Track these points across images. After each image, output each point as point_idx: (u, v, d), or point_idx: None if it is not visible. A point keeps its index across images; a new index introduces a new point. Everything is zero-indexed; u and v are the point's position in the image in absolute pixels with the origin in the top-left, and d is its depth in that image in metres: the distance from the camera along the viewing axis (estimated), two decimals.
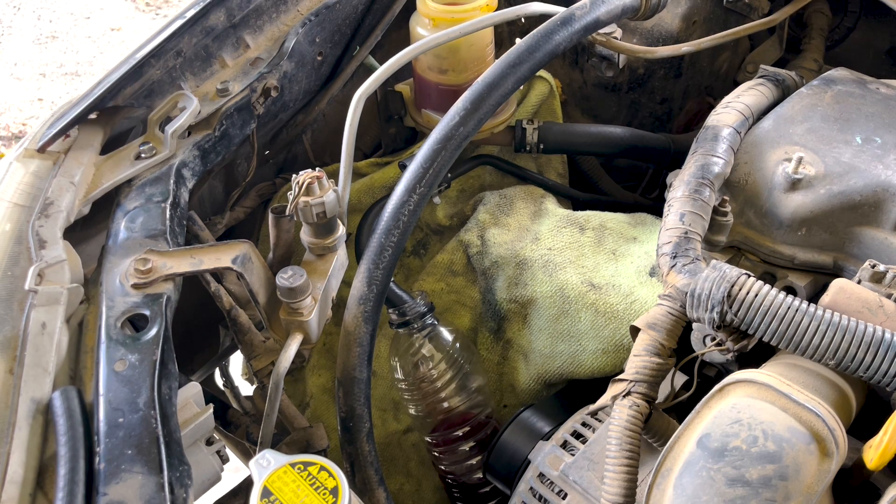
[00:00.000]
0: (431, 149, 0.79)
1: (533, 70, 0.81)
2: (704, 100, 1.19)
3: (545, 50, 0.81)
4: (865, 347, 0.60)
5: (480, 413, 0.92)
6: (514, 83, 0.80)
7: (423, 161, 0.79)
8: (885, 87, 0.92)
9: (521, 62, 0.80)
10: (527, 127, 1.01)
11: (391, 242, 0.78)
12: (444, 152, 0.78)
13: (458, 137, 0.79)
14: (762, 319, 0.63)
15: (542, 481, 0.70)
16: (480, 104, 0.79)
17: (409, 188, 0.78)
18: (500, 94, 0.80)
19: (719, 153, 0.82)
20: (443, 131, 0.79)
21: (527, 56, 0.80)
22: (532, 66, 0.81)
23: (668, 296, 0.72)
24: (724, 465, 0.57)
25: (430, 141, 0.79)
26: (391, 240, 0.78)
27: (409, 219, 0.78)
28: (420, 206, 0.79)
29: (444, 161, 0.79)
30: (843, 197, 0.78)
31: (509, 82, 0.80)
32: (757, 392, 0.60)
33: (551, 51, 0.81)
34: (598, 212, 0.97)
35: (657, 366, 0.68)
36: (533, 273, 0.88)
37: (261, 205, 1.04)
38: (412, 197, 0.78)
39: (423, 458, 0.98)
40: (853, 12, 1.12)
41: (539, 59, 0.81)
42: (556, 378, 0.90)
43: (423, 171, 0.78)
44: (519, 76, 0.80)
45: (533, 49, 0.81)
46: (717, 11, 1.13)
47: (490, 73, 0.80)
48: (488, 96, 0.80)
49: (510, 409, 0.85)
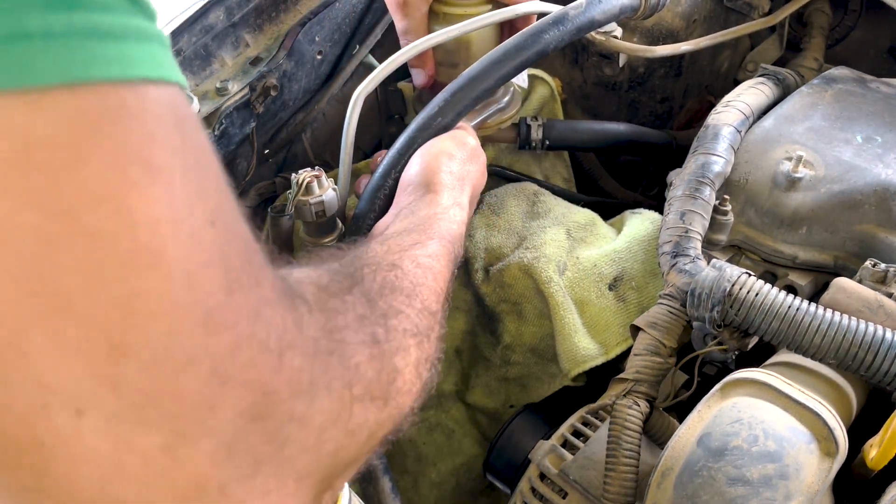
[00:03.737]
0: (409, 137, 0.80)
1: (519, 68, 0.82)
2: (705, 98, 1.19)
3: (533, 49, 0.81)
4: (866, 347, 0.60)
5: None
6: (497, 80, 0.81)
7: (399, 148, 0.80)
8: (886, 86, 0.92)
9: (507, 59, 0.81)
10: (531, 124, 1.02)
11: (367, 226, 0.78)
12: (420, 140, 0.79)
13: (434, 128, 0.80)
14: (763, 318, 0.63)
15: (543, 480, 0.70)
16: (462, 97, 0.80)
17: (384, 173, 0.80)
18: (481, 88, 0.81)
19: (720, 152, 0.81)
20: (421, 121, 0.80)
21: (514, 54, 0.81)
22: (518, 65, 0.81)
23: (668, 295, 0.72)
24: (724, 464, 0.57)
25: (409, 130, 0.81)
26: (367, 223, 0.79)
27: (384, 203, 0.79)
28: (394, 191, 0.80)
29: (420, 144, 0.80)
30: (844, 196, 0.77)
31: (492, 78, 0.81)
32: (757, 391, 0.60)
33: (540, 50, 0.82)
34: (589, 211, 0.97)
35: (658, 365, 0.68)
36: (522, 273, 0.88)
37: (260, 204, 1.04)
38: (387, 182, 0.79)
39: (419, 454, 0.98)
40: (854, 11, 1.12)
41: (526, 57, 0.81)
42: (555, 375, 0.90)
43: (399, 158, 0.80)
44: (503, 73, 0.81)
45: (521, 47, 0.81)
46: (717, 10, 1.13)
47: (474, 68, 0.81)
48: (470, 90, 0.81)
49: (515, 409, 0.85)
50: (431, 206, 0.73)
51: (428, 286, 0.59)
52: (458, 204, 0.75)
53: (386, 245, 0.62)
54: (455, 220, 0.73)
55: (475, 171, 0.81)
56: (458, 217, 0.74)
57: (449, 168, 0.77)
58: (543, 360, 0.91)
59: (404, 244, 0.63)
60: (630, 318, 0.85)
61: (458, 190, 0.76)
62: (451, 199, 0.75)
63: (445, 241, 0.68)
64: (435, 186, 0.75)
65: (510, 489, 0.75)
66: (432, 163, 0.77)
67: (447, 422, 0.98)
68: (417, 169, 0.77)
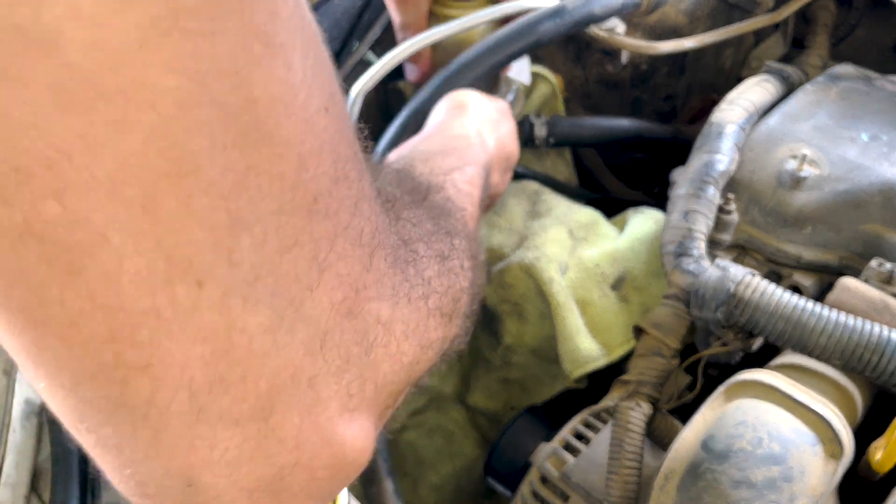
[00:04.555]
0: (401, 123, 0.80)
1: (512, 57, 0.82)
2: (708, 96, 1.18)
3: (527, 39, 0.82)
4: (872, 347, 0.59)
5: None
6: (489, 67, 0.81)
7: (392, 135, 0.80)
8: (891, 84, 0.91)
9: (499, 48, 0.81)
10: (535, 121, 1.01)
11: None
12: (412, 125, 0.80)
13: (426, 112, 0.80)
14: (767, 319, 0.63)
15: (544, 483, 0.70)
16: (453, 83, 0.81)
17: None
18: (472, 75, 0.81)
19: (724, 150, 0.81)
20: (415, 106, 0.81)
21: (506, 43, 0.81)
22: (511, 53, 0.82)
23: (672, 295, 0.71)
24: (728, 466, 0.56)
25: (402, 115, 0.81)
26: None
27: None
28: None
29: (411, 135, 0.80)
30: (849, 195, 0.77)
31: (485, 65, 0.81)
32: (762, 393, 0.60)
33: (535, 40, 0.82)
34: (592, 210, 0.96)
35: (661, 366, 0.67)
36: (523, 273, 0.88)
37: None
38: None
39: (419, 457, 0.97)
40: (858, 8, 1.11)
41: (520, 47, 0.81)
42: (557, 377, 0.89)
43: (392, 145, 0.80)
44: (495, 61, 0.81)
45: (514, 37, 0.81)
46: (720, 7, 1.12)
47: (467, 54, 0.81)
48: (462, 76, 0.81)
49: (516, 411, 0.84)
50: (463, 128, 0.74)
51: (470, 212, 0.60)
52: (482, 134, 0.75)
53: (429, 166, 0.62)
54: (486, 147, 0.74)
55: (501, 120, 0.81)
56: (488, 145, 0.74)
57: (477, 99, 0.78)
58: (545, 361, 0.90)
59: (445, 167, 0.64)
60: (633, 318, 0.84)
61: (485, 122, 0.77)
62: (477, 126, 0.76)
63: (479, 168, 0.68)
64: (465, 108, 0.76)
65: (511, 492, 0.75)
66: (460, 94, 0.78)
67: (447, 424, 0.97)
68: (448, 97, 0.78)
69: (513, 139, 0.83)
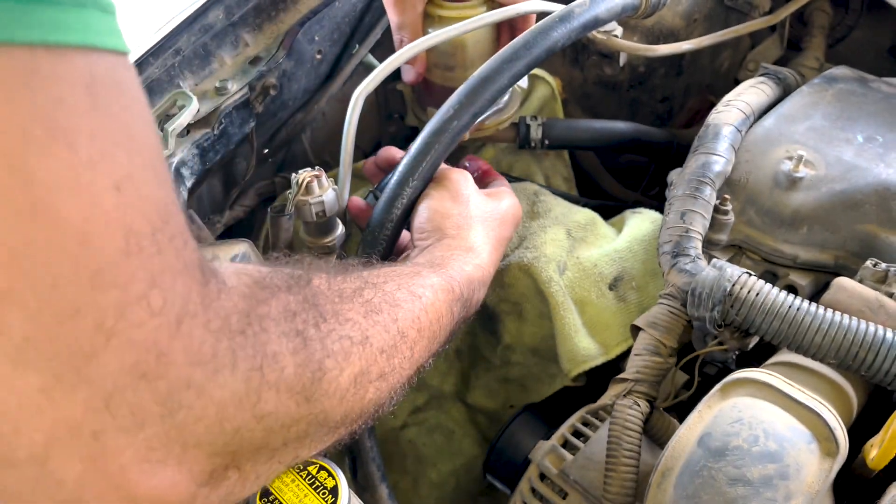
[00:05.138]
0: (424, 142, 0.78)
1: (529, 66, 0.81)
2: (705, 98, 1.18)
3: (542, 46, 0.81)
4: (867, 347, 0.60)
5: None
6: (509, 78, 0.80)
7: (416, 154, 0.78)
8: (887, 86, 0.91)
9: (518, 58, 0.80)
10: (531, 123, 1.01)
11: (384, 236, 0.77)
12: (438, 146, 0.78)
13: (451, 131, 0.78)
14: (763, 318, 0.63)
15: (543, 480, 0.70)
16: (475, 98, 0.79)
17: (401, 181, 0.78)
18: (495, 88, 0.79)
19: (720, 151, 0.81)
20: (436, 124, 0.79)
21: (523, 52, 0.80)
22: (528, 63, 0.80)
23: (668, 294, 0.72)
24: (725, 464, 0.56)
25: (424, 134, 0.79)
26: (384, 233, 0.77)
27: (401, 213, 0.78)
28: (413, 200, 0.78)
29: (437, 154, 0.78)
30: (845, 196, 0.77)
31: (504, 77, 0.79)
32: (758, 391, 0.60)
33: (549, 47, 0.81)
34: (590, 211, 0.97)
35: (658, 365, 0.68)
36: (522, 273, 0.88)
37: (260, 203, 1.03)
38: (405, 190, 0.78)
39: (419, 455, 0.98)
40: (854, 10, 1.12)
41: (536, 55, 0.81)
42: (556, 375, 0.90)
43: (416, 164, 0.78)
44: (514, 72, 0.80)
45: (530, 45, 0.80)
46: (717, 9, 1.13)
47: (485, 67, 0.80)
48: (483, 90, 0.79)
49: (515, 409, 0.85)
50: (447, 248, 0.73)
51: (408, 310, 0.59)
52: (472, 247, 0.74)
53: (378, 271, 0.62)
54: (470, 261, 0.73)
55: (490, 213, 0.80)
56: (473, 260, 0.73)
57: (458, 211, 0.77)
58: (544, 360, 0.90)
59: (401, 272, 0.63)
60: (630, 317, 0.84)
61: (475, 231, 0.76)
62: (469, 241, 0.75)
63: (448, 277, 0.67)
64: (447, 231, 0.75)
65: (510, 490, 0.75)
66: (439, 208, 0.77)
67: (447, 422, 0.98)
68: (426, 215, 0.77)
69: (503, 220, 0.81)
